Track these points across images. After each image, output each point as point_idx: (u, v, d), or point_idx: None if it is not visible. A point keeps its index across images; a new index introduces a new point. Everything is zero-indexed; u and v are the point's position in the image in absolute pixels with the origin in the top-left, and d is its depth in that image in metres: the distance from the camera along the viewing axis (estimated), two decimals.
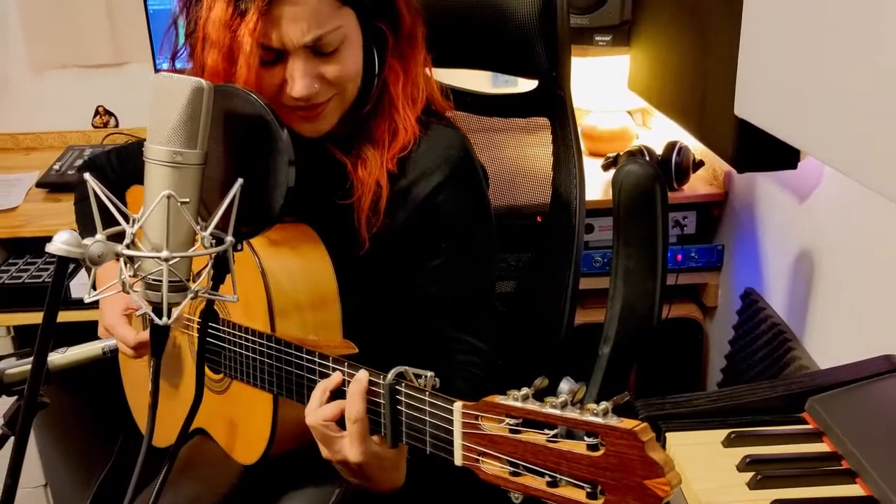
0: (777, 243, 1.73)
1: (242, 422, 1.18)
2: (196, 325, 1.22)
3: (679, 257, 1.96)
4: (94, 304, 1.30)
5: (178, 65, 1.15)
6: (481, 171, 1.24)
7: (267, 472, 1.18)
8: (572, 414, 0.74)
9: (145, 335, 1.21)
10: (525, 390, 0.78)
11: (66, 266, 0.85)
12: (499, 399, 0.79)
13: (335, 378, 0.98)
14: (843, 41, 1.07)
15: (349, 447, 0.95)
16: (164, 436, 1.14)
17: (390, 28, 1.16)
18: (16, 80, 2.44)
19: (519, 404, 0.77)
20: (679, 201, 1.97)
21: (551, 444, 0.75)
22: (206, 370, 1.19)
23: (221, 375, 1.20)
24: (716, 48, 1.51)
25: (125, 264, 0.90)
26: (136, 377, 1.40)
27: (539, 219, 1.51)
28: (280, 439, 1.13)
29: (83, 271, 1.87)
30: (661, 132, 2.29)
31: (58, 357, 1.08)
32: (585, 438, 0.73)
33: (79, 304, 1.81)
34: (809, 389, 1.06)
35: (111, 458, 2.25)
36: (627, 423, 0.70)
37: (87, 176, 0.90)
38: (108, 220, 0.89)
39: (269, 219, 1.01)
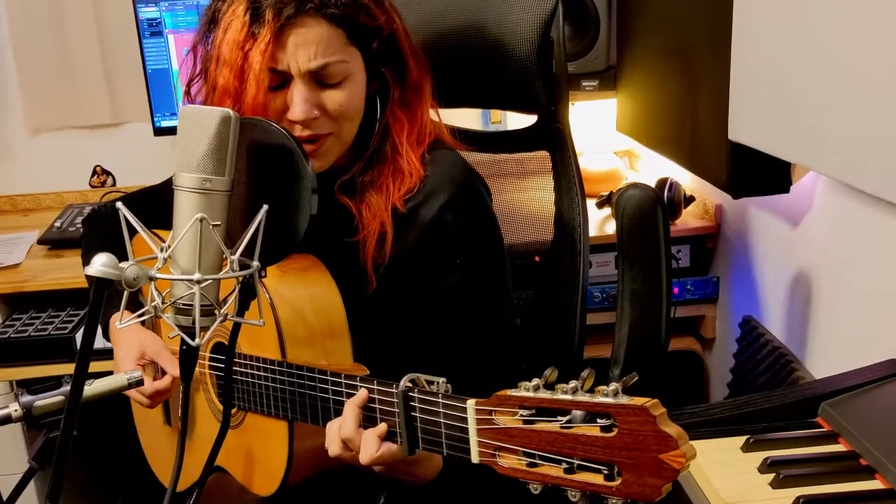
0: (772, 269, 1.77)
1: (259, 454, 1.19)
2: (209, 362, 1.24)
3: (675, 290, 2.00)
4: (109, 355, 1.31)
5: (193, 90, 1.19)
6: (484, 186, 1.27)
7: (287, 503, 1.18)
8: (584, 398, 0.76)
9: (161, 383, 1.22)
10: (536, 381, 0.80)
11: (104, 289, 0.87)
12: (510, 392, 0.81)
13: (361, 394, 1.00)
14: (829, 59, 1.13)
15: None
16: (180, 481, 1.14)
17: (396, 77, 1.20)
18: (14, 143, 2.48)
19: (531, 394, 0.79)
20: (672, 235, 2.01)
21: (565, 431, 0.76)
22: (220, 405, 1.20)
23: (235, 409, 1.21)
24: (704, 81, 1.57)
25: (155, 290, 0.92)
26: (150, 424, 1.41)
27: (537, 258, 1.55)
28: (297, 467, 1.14)
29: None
30: (648, 174, 2.35)
31: (84, 388, 1.09)
32: (598, 421, 0.74)
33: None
34: (821, 395, 1.08)
35: None
36: (638, 400, 0.72)
37: (119, 205, 0.93)
38: (123, 254, 0.90)
39: (293, 244, 1.05)
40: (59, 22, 2.36)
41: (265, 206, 0.96)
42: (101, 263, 0.86)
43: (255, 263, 0.97)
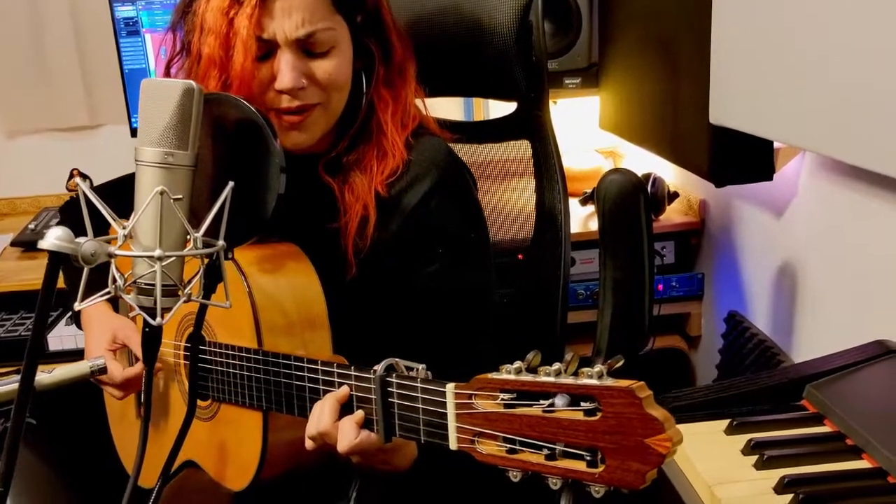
0: (757, 262, 1.75)
1: (232, 446, 1.15)
2: (183, 352, 1.20)
3: (660, 287, 1.98)
4: (78, 355, 1.28)
5: (174, 70, 1.16)
6: (469, 174, 1.25)
7: (262, 499, 1.14)
8: (567, 380, 0.72)
9: (132, 371, 1.19)
10: (518, 364, 0.76)
11: (58, 264, 0.83)
12: (491, 375, 0.78)
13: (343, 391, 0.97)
14: (806, 34, 1.12)
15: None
16: (151, 476, 1.10)
17: (381, 54, 1.18)
18: None
19: (512, 377, 0.76)
20: (657, 231, 1.99)
21: (547, 415, 0.73)
22: None
23: (209, 401, 1.17)
24: (686, 70, 1.56)
25: (116, 269, 0.89)
26: (123, 419, 1.37)
27: (520, 256, 1.53)
28: (271, 461, 1.10)
29: (62, 324, 1.84)
30: None
31: (45, 377, 1.05)
32: (582, 404, 0.71)
33: (57, 357, 1.79)
34: (806, 377, 1.06)
35: None
36: (623, 382, 0.69)
37: (78, 180, 0.90)
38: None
39: (261, 224, 1.02)
40: (34, 22, 2.33)
41: (231, 183, 0.93)
42: (56, 237, 0.82)
43: (221, 243, 0.93)
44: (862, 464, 0.91)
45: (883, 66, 1.01)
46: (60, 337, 1.81)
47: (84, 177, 2.49)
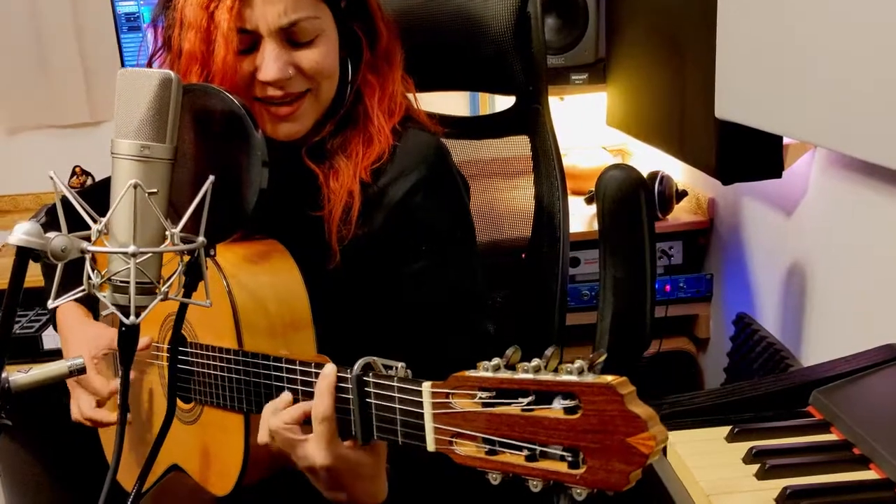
0: (766, 263, 1.71)
1: (215, 450, 1.12)
2: (166, 354, 1.17)
3: (668, 288, 1.93)
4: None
5: (156, 67, 1.14)
6: (459, 176, 1.21)
7: (244, 501, 1.11)
8: (547, 377, 0.69)
9: (117, 384, 1.15)
10: (496, 360, 0.73)
11: (27, 260, 0.80)
12: (469, 373, 0.75)
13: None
14: (812, 28, 1.08)
15: (315, 450, 0.90)
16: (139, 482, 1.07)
17: (367, 40, 1.15)
18: None
19: (490, 374, 0.73)
20: (664, 230, 1.95)
21: (526, 413, 0.70)
22: (176, 397, 1.13)
23: (192, 404, 1.14)
24: (692, 66, 1.52)
25: (90, 265, 0.86)
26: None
27: (523, 255, 1.49)
28: (254, 465, 1.07)
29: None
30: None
31: (21, 377, 1.02)
32: (562, 402, 0.68)
33: (53, 355, 1.77)
34: (813, 382, 1.02)
35: None
36: (604, 378, 0.66)
37: (51, 174, 0.87)
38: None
39: (243, 220, 0.98)
40: (34, 17, 2.31)
41: (211, 177, 0.90)
42: (24, 231, 0.79)
43: (200, 239, 0.90)
44: (869, 474, 0.87)
45: None
46: (55, 336, 1.78)
47: (86, 174, 2.48)
